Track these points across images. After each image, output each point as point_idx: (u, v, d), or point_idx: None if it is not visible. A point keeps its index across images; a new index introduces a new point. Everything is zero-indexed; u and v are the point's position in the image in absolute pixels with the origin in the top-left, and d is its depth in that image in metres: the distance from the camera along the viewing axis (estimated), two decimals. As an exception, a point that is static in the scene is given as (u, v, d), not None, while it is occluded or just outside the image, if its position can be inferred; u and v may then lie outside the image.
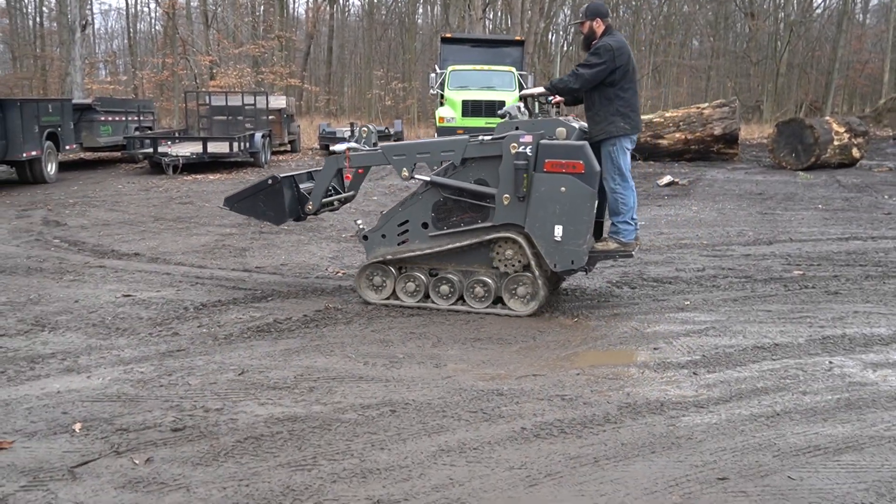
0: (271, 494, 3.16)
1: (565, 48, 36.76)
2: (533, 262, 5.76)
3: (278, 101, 21.41)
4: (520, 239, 5.77)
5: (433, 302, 6.05)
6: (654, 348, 5.08)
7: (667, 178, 14.67)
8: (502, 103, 19.00)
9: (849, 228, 9.88)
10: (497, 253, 5.89)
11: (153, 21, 45.67)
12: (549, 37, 35.92)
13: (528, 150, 5.63)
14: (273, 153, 20.15)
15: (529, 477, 3.32)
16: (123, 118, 18.89)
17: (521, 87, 19.94)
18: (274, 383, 4.39)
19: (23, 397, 4.16)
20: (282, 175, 6.50)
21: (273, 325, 5.52)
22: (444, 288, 6.03)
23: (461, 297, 6.01)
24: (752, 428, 3.83)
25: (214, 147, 16.54)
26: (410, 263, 6.12)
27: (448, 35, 23.16)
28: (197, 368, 4.63)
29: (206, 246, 8.50)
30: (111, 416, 3.91)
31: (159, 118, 26.60)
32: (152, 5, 44.83)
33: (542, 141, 5.68)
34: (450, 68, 20.24)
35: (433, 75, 20.90)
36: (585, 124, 6.08)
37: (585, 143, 5.72)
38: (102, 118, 17.66)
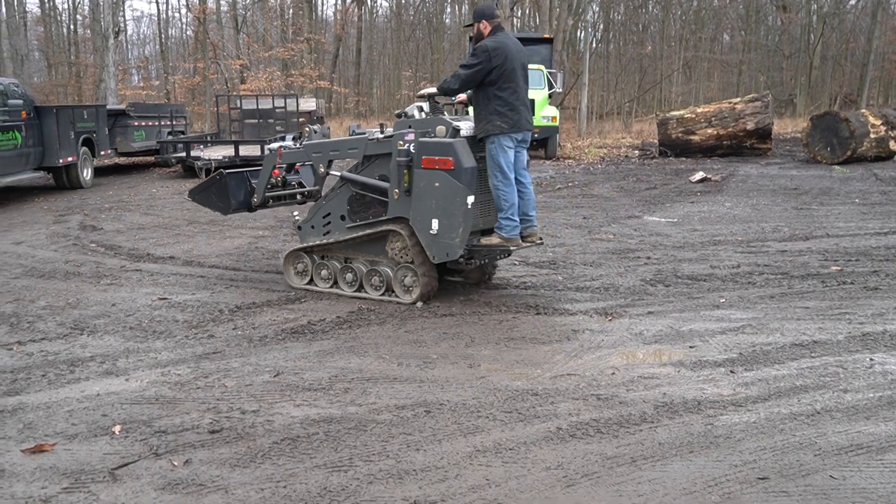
0: (308, 496, 3.17)
1: (594, 45, 36.56)
2: (415, 254, 6.07)
3: (308, 104, 21.55)
4: (404, 232, 6.08)
5: (340, 288, 6.50)
6: (690, 346, 5.03)
7: (699, 175, 14.52)
8: (532, 102, 18.94)
9: (887, 223, 9.71)
10: (390, 245, 6.21)
11: (184, 27, 46.19)
12: (578, 34, 35.69)
13: (410, 147, 5.98)
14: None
15: (566, 477, 3.30)
16: (156, 123, 19.12)
17: (550, 86, 19.87)
18: (309, 385, 4.41)
19: (63, 400, 4.23)
20: (232, 171, 7.26)
21: (307, 326, 5.55)
22: (349, 276, 6.48)
23: (362, 286, 6.40)
24: (792, 427, 3.78)
25: (246, 150, 16.67)
26: (329, 252, 6.58)
27: (476, 34, 23.09)
28: (233, 370, 4.67)
29: (239, 248, 8.57)
30: (150, 419, 3.95)
31: (191, 122, 26.87)
32: (183, 11, 45.37)
33: (421, 139, 5.97)
34: (479, 67, 20.19)
35: (462, 75, 20.86)
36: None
37: (456, 140, 5.92)
38: (136, 123, 17.89)
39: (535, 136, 19.12)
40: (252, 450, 3.59)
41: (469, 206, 5.85)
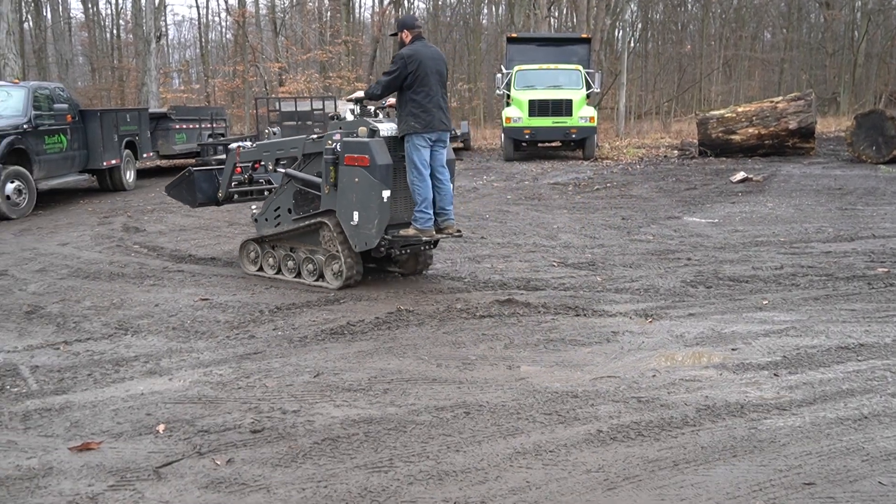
0: (349, 496, 3.19)
1: (633, 44, 36.27)
2: (340, 243, 6.67)
3: (346, 106, 21.65)
4: (330, 223, 6.69)
5: (282, 275, 7.17)
6: (733, 349, 4.96)
7: (740, 175, 14.33)
8: (569, 102, 18.89)
9: (935, 223, 9.49)
10: (322, 235, 6.85)
11: (224, 30, 46.73)
12: (616, 33, 35.44)
13: (337, 147, 6.61)
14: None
15: (607, 480, 3.28)
16: (197, 126, 19.37)
17: (588, 86, 19.76)
18: (348, 385, 4.44)
19: (109, 399, 4.30)
20: (199, 168, 8.02)
21: (346, 327, 5.58)
22: (290, 263, 7.16)
23: (299, 273, 7.06)
24: (839, 431, 3.71)
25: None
26: (278, 242, 7.23)
27: (513, 35, 23.07)
28: (273, 370, 4.71)
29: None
30: (193, 418, 4.01)
31: (231, 125, 27.19)
32: (223, 15, 45.94)
33: (344, 139, 6.59)
34: (516, 68, 20.17)
35: (499, 76, 20.87)
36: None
37: (373, 139, 6.51)
38: (177, 126, 18.15)
39: (574, 136, 19.06)
40: (293, 450, 3.61)
41: (384, 200, 6.45)
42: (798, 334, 5.23)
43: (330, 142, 6.68)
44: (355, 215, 6.51)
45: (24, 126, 12.10)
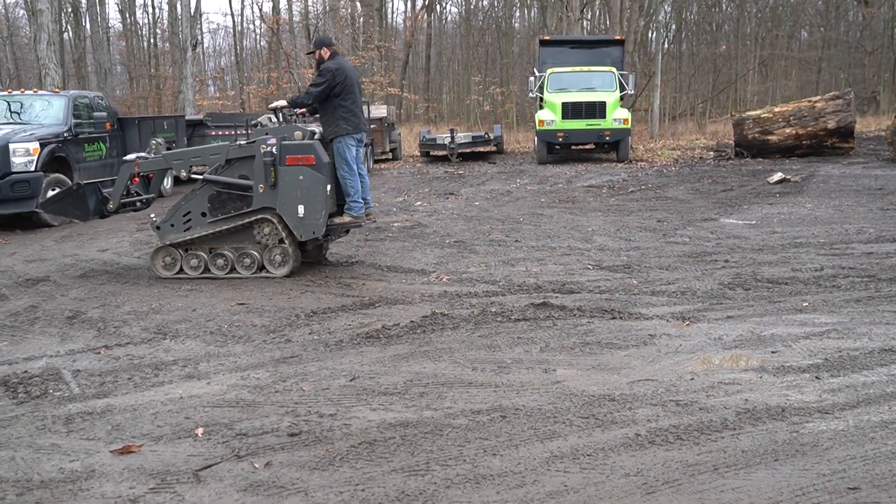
0: (386, 499, 3.19)
1: (667, 45, 35.95)
2: (285, 235, 7.38)
3: (379, 111, 21.74)
4: (273, 219, 7.36)
5: (211, 273, 7.53)
6: (773, 352, 4.89)
7: (777, 176, 14.13)
8: (603, 104, 18.79)
9: (981, 223, 9.27)
10: (258, 231, 7.46)
11: (258, 38, 47.21)
12: (650, 34, 35.16)
13: (273, 150, 7.26)
14: (375, 161, 20.47)
15: (646, 484, 3.24)
16: (232, 132, 19.54)
17: (622, 87, 19.64)
18: (385, 389, 4.44)
19: (149, 403, 4.35)
20: (85, 181, 8.20)
21: (381, 331, 5.59)
22: (220, 261, 7.55)
23: (233, 268, 7.51)
24: (884, 435, 3.63)
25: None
26: (194, 245, 7.58)
27: (546, 37, 23.03)
28: (310, 374, 4.73)
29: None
30: (231, 421, 4.04)
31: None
32: (257, 22, 46.37)
33: (284, 142, 7.33)
34: (549, 71, 20.11)
35: (532, 78, 20.83)
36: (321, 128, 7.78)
37: (316, 142, 7.43)
38: (213, 132, 18.33)
39: (607, 138, 18.95)
40: (330, 453, 3.63)
41: (328, 193, 7.41)
42: (840, 337, 5.14)
43: (264, 146, 7.27)
44: (300, 209, 7.29)
45: (65, 134, 12.33)
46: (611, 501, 3.12)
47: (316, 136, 7.60)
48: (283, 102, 7.82)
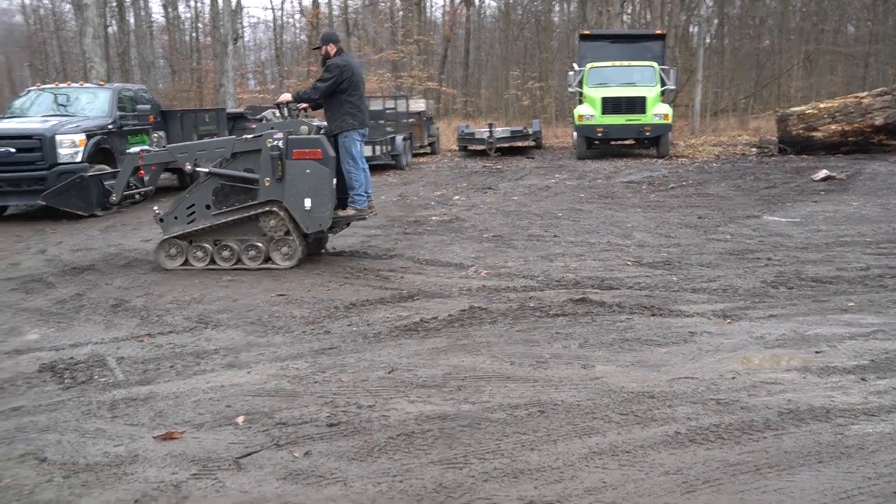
0: (424, 491, 3.20)
1: (708, 40, 35.45)
2: (291, 228, 7.53)
3: (418, 105, 21.77)
4: (280, 211, 7.50)
5: (217, 264, 7.63)
6: (817, 352, 4.81)
7: (822, 173, 13.88)
8: (643, 99, 18.61)
9: None
10: (264, 223, 7.58)
11: (297, 32, 47.51)
12: (691, 29, 34.72)
13: (280, 144, 7.39)
14: (413, 155, 20.50)
15: (686, 483, 3.21)
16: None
17: (662, 83, 19.43)
18: (423, 381, 4.45)
19: (191, 390, 4.42)
20: (88, 174, 8.31)
21: (420, 324, 5.61)
22: (226, 253, 7.66)
23: (239, 260, 7.62)
24: (932, 439, 3.55)
25: (358, 151, 16.97)
26: (198, 237, 7.69)
27: (586, 32, 22.84)
28: (348, 366, 4.76)
29: (352, 247, 8.75)
30: (271, 410, 4.08)
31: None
32: (297, 16, 46.70)
33: (291, 136, 7.44)
34: (588, 65, 19.97)
35: (571, 73, 20.69)
36: (325, 123, 7.85)
37: (322, 136, 7.55)
38: (253, 125, 18.48)
39: (648, 134, 18.77)
40: (369, 444, 3.65)
41: (333, 186, 7.52)
42: (886, 337, 5.03)
43: (270, 140, 7.39)
44: (307, 202, 7.44)
45: (110, 126, 12.55)
46: (650, 499, 3.10)
47: (321, 132, 7.72)
48: (288, 97, 7.94)
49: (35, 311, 6.38)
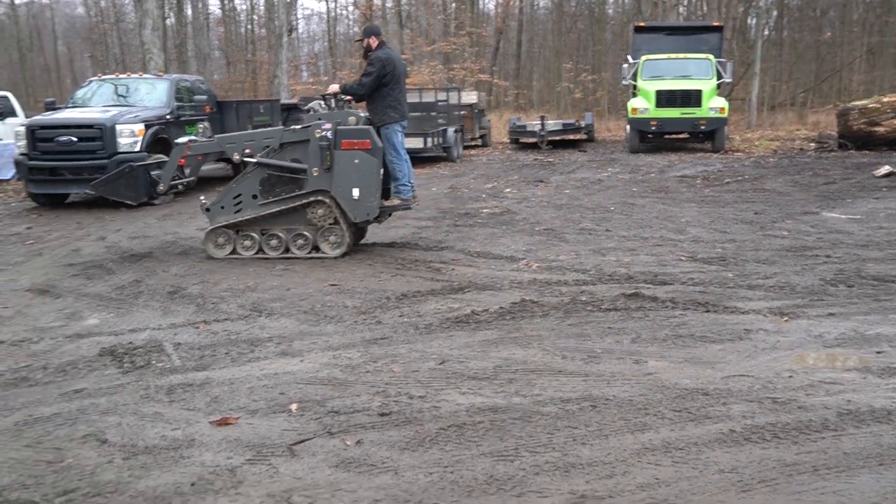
0: (475, 482, 3.20)
1: (767, 32, 34.69)
2: (339, 217, 7.64)
3: (469, 97, 21.74)
4: (328, 200, 7.62)
5: (265, 253, 7.78)
6: (878, 352, 4.69)
7: (885, 169, 13.49)
8: (699, 93, 18.31)
9: None
10: (312, 212, 7.71)
11: (351, 24, 47.78)
12: (749, 21, 34.00)
13: (328, 134, 7.51)
14: (464, 148, 20.49)
15: (741, 482, 3.16)
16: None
17: (719, 76, 19.10)
18: (473, 373, 4.46)
19: (245, 377, 4.49)
20: (140, 164, 8.39)
21: (470, 316, 5.61)
22: (274, 242, 7.81)
23: (287, 249, 7.75)
24: None
25: (409, 142, 16.98)
26: (246, 226, 7.83)
27: (641, 24, 22.54)
28: (400, 356, 4.79)
29: (403, 238, 8.79)
30: (323, 399, 4.13)
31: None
32: (350, 8, 46.92)
33: (339, 126, 7.57)
34: (643, 58, 19.72)
35: (625, 66, 20.47)
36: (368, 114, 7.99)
37: (370, 127, 7.71)
38: (305, 117, 18.68)
39: (703, 127, 18.47)
40: (420, 434, 3.67)
41: (380, 176, 7.69)
42: (951, 339, 4.89)
43: (319, 130, 7.52)
44: (355, 192, 7.57)
45: (168, 116, 12.79)
46: (704, 497, 3.06)
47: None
48: (336, 88, 8.06)
49: (95, 296, 6.54)
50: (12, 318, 5.94)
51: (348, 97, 8.11)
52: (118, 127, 11.64)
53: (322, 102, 8.07)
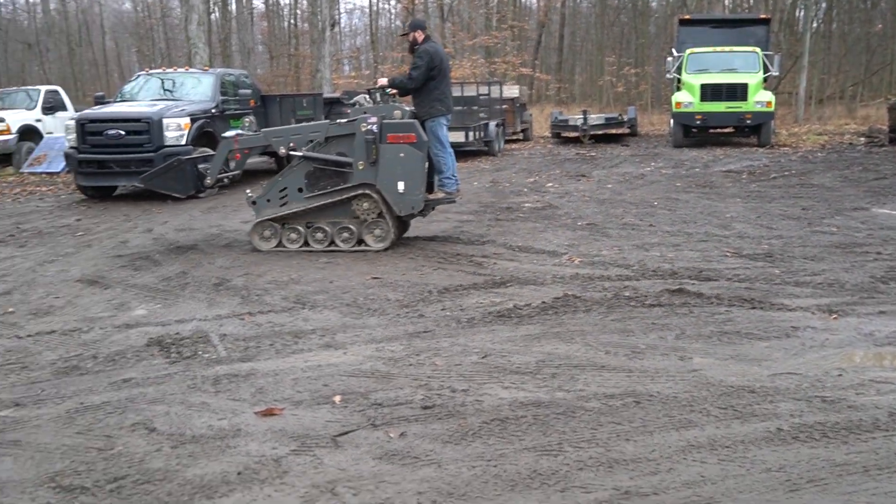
0: (518, 477, 3.20)
1: (815, 24, 34.01)
2: (384, 210, 7.67)
3: (511, 91, 21.65)
4: (373, 194, 7.66)
5: (310, 246, 7.82)
6: (931, 351, 4.58)
7: (937, 164, 13.17)
8: (745, 86, 18.03)
9: None
10: (357, 206, 7.75)
11: (392, 18, 47.94)
12: (797, 13, 33.36)
13: (374, 128, 7.55)
14: (506, 142, 20.43)
15: (789, 481, 3.12)
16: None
17: (766, 69, 18.78)
18: (516, 368, 4.45)
19: (289, 369, 4.53)
20: (188, 157, 8.48)
21: (513, 310, 5.60)
22: (319, 235, 7.85)
23: (332, 242, 7.79)
24: None
25: (450, 136, 17.00)
26: (291, 219, 7.89)
27: (686, 17, 22.28)
28: (442, 350, 4.80)
29: (444, 232, 8.80)
30: (366, 391, 4.15)
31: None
32: (392, 2, 47.06)
33: (385, 120, 7.61)
34: (688, 51, 19.48)
35: (670, 59, 20.24)
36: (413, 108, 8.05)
37: (416, 121, 7.74)
38: (349, 110, 18.77)
39: (748, 122, 18.18)
40: (462, 427, 3.67)
41: (425, 169, 7.72)
42: None
43: (365, 124, 7.55)
44: (400, 185, 7.60)
45: (213, 110, 12.95)
46: (751, 496, 3.02)
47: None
48: (384, 81, 8.15)
49: (143, 287, 6.66)
50: (63, 308, 6.07)
51: (394, 91, 8.16)
52: (165, 121, 11.83)
53: (367, 96, 8.12)
